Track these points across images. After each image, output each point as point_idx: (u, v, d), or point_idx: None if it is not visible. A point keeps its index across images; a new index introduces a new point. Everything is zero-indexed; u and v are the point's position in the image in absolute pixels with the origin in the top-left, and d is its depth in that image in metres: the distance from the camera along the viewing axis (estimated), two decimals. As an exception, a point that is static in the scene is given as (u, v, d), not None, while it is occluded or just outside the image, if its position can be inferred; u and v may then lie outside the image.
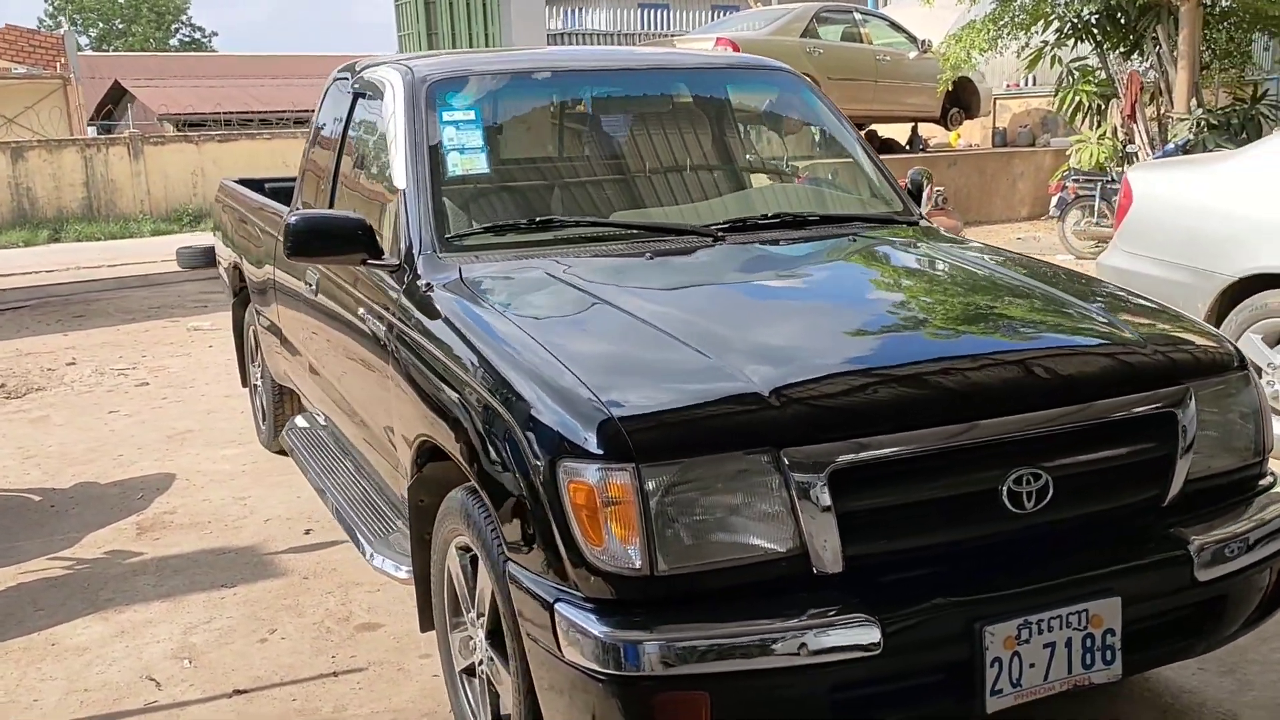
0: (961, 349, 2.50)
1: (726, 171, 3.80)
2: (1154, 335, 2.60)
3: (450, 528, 2.77)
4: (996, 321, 2.68)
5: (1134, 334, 2.59)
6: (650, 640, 2.08)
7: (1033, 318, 2.69)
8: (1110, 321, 2.66)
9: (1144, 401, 2.42)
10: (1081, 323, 2.67)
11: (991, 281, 2.94)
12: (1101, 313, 2.72)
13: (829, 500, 2.15)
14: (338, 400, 3.90)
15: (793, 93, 3.94)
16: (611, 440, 2.15)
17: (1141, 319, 2.72)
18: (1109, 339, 2.56)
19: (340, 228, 3.20)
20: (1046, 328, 2.65)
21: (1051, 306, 2.76)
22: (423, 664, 3.40)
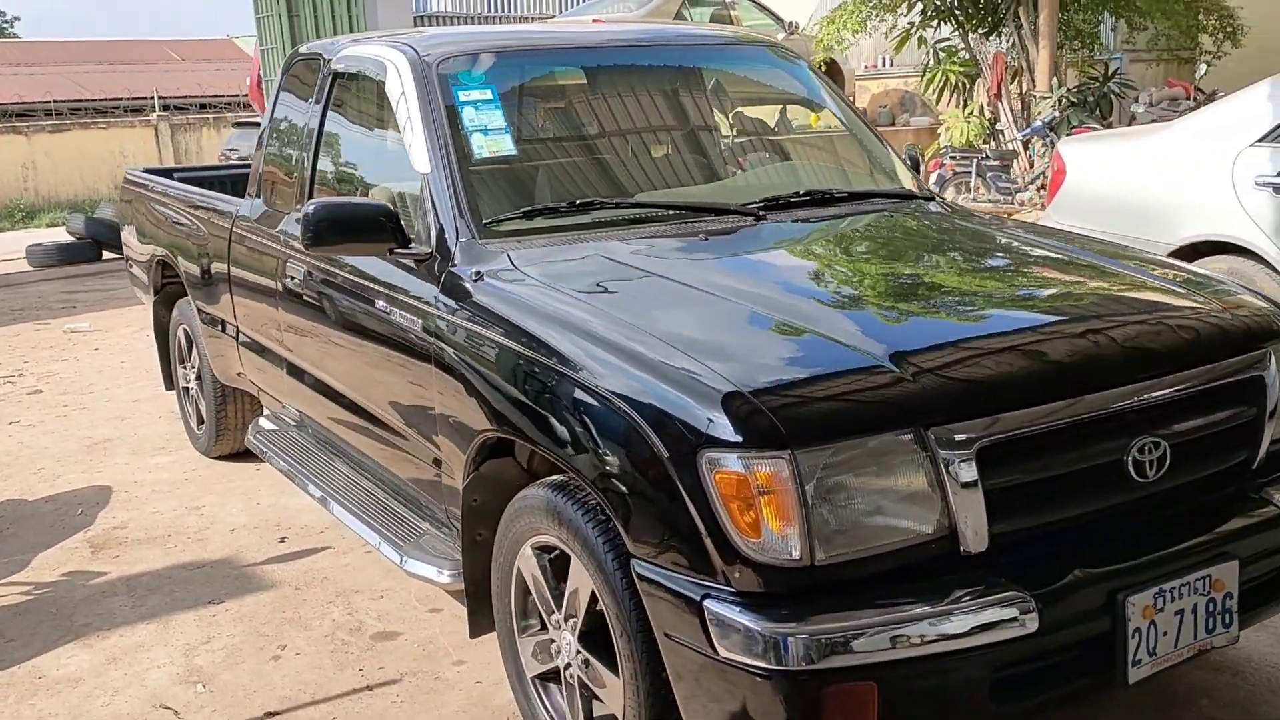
0: (1075, 320, 2.50)
1: (743, 148, 3.74)
2: (1228, 302, 2.66)
3: (525, 527, 2.65)
4: (1088, 293, 2.70)
5: (1211, 301, 2.65)
6: (819, 632, 2.01)
7: (1119, 288, 2.73)
8: (1187, 290, 2.71)
9: (1239, 365, 2.47)
10: (1165, 291, 2.71)
11: (1053, 253, 2.97)
12: (1174, 282, 2.77)
13: (977, 477, 2.12)
14: (332, 399, 3.68)
15: (793, 69, 3.90)
16: (762, 427, 2.07)
17: (1204, 287, 2.77)
18: (1198, 306, 2.61)
19: (365, 216, 3.02)
20: (1138, 298, 2.68)
21: (1128, 277, 2.80)
22: (460, 671, 3.25)
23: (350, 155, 3.80)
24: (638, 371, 2.28)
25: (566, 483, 2.53)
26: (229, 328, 4.52)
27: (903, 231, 3.19)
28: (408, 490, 3.37)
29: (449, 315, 2.86)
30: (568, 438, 2.41)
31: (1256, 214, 4.85)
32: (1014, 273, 2.91)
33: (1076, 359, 2.33)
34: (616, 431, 2.26)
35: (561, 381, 2.42)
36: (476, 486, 2.84)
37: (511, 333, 2.62)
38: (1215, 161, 5.04)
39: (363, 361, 3.36)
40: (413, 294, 3.03)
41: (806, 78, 3.89)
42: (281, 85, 4.21)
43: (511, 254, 2.89)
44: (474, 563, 2.93)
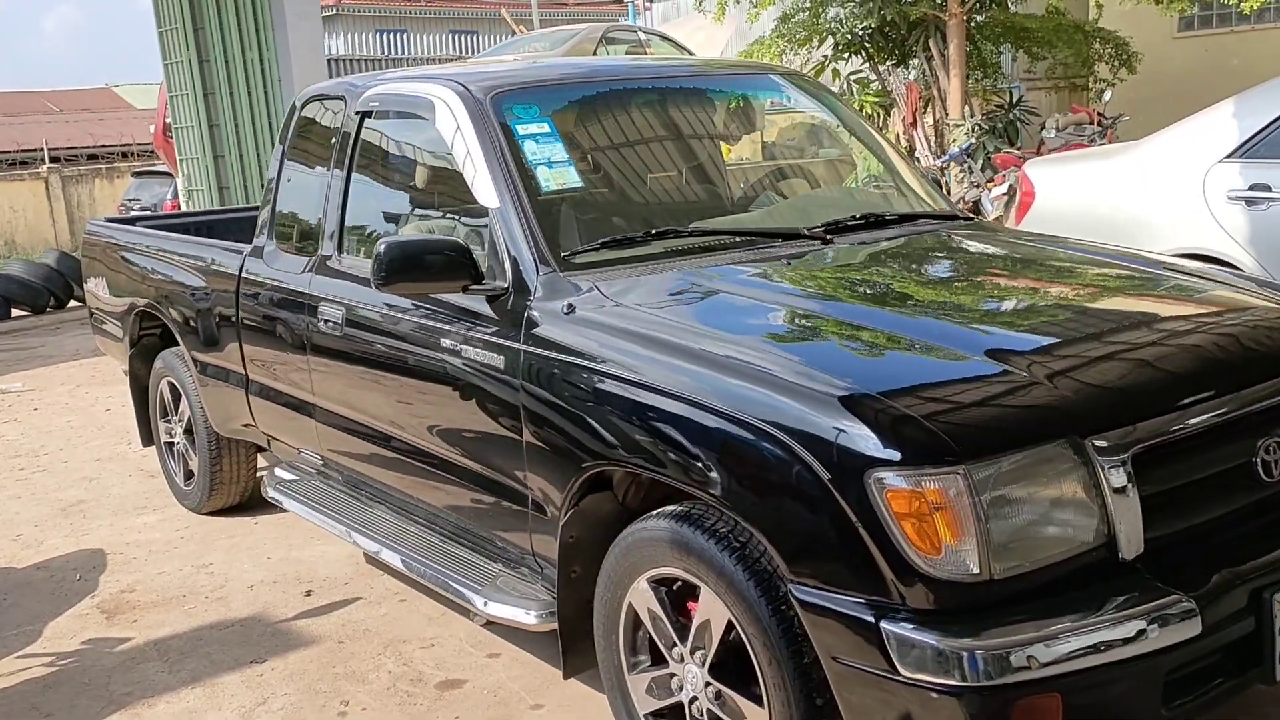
0: (1190, 327, 2.59)
1: (785, 173, 3.78)
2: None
3: (640, 559, 2.61)
4: (1187, 300, 2.79)
5: None
6: (1007, 645, 2.03)
7: (1211, 295, 2.82)
8: (1263, 292, 2.82)
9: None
10: (1250, 295, 2.82)
11: (1125, 265, 3.06)
12: (1246, 288, 2.88)
13: (1133, 483, 2.17)
14: (376, 443, 3.58)
15: (822, 98, 3.96)
16: (933, 444, 2.09)
17: (1271, 287, 2.89)
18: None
19: (441, 253, 2.96)
20: (1236, 302, 2.77)
21: (1203, 282, 2.91)
22: (541, 715, 3.18)
23: (388, 194, 3.73)
24: (781, 396, 2.27)
25: (690, 512, 2.50)
26: (235, 377, 4.37)
27: (973, 249, 3.27)
28: (475, 531, 3.29)
29: (540, 350, 2.82)
30: (704, 468, 2.38)
31: (1231, 227, 5.07)
32: (1104, 284, 2.99)
33: (1206, 364, 2.40)
34: (766, 458, 2.25)
35: (693, 411, 2.40)
36: (575, 523, 2.79)
37: (626, 365, 2.58)
38: (1186, 178, 5.26)
39: (422, 402, 3.28)
40: (490, 331, 2.98)
41: (834, 104, 3.96)
42: (294, 129, 4.11)
43: (600, 285, 2.86)
44: (568, 600, 2.87)
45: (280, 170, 4.15)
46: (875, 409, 2.16)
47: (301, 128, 4.09)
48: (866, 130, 3.93)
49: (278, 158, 4.17)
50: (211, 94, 12.34)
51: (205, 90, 12.25)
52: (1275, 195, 4.96)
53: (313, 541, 4.60)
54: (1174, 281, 2.94)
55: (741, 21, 15.10)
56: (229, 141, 12.23)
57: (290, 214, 4.07)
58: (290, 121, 4.14)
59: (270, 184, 4.19)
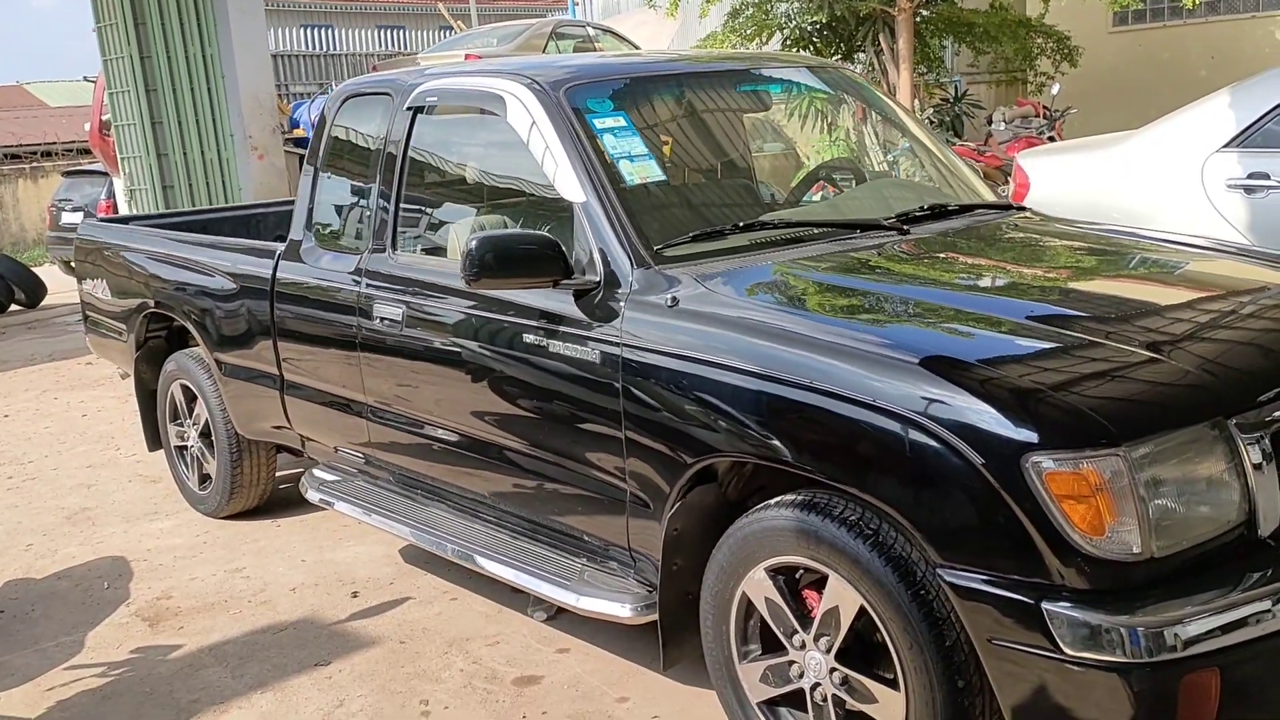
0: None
1: (849, 166, 3.83)
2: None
3: (758, 549, 2.64)
4: (1269, 280, 2.89)
5: None
6: (1172, 621, 2.09)
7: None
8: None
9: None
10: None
11: (1192, 248, 3.17)
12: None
13: (1270, 461, 2.24)
14: (439, 441, 3.55)
15: (865, 91, 4.02)
16: (1091, 427, 2.14)
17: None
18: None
19: (533, 248, 2.95)
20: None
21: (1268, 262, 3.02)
22: (630, 708, 3.18)
23: (448, 191, 3.69)
24: (925, 385, 2.30)
25: (815, 501, 2.53)
26: (266, 378, 4.29)
27: (1049, 236, 3.34)
28: (554, 528, 3.27)
29: (642, 345, 2.82)
30: (844, 458, 2.41)
31: (1230, 215, 5.24)
32: (1191, 268, 3.08)
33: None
34: (916, 447, 2.28)
35: (831, 401, 2.42)
36: (680, 516, 2.80)
37: (746, 356, 2.59)
38: (1184, 167, 5.42)
39: (497, 400, 3.26)
40: (580, 327, 2.97)
41: (872, 96, 4.03)
42: (331, 125, 4.04)
43: (700, 278, 2.87)
44: (669, 592, 2.88)
45: (316, 176, 4.08)
46: (1028, 394, 2.21)
47: (340, 125, 4.02)
48: (915, 124, 3.99)
49: (311, 166, 4.10)
50: (154, 90, 12.04)
51: (147, 87, 11.95)
52: (1273, 183, 5.13)
53: (343, 543, 4.54)
54: (1247, 263, 3.05)
55: (688, 17, 15.16)
56: (172, 139, 11.97)
57: (332, 212, 4.00)
58: (326, 119, 4.07)
59: (306, 182, 4.11)
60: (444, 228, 3.65)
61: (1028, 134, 12.57)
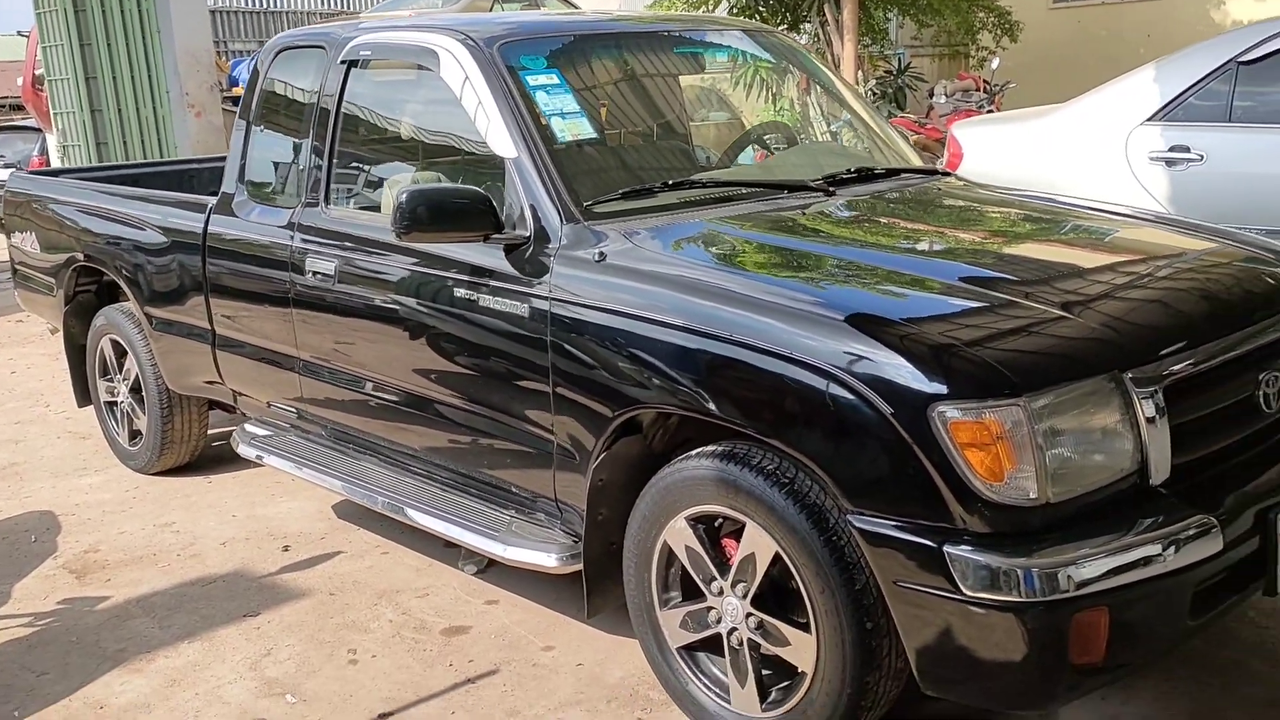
0: (1196, 270, 2.79)
1: (779, 128, 3.88)
2: (1273, 249, 3.01)
3: (680, 499, 2.71)
4: (1183, 247, 2.99)
5: (1266, 249, 3.00)
6: (1065, 562, 2.19)
7: (1200, 241, 3.03)
8: (1237, 241, 3.05)
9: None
10: (1231, 240, 3.04)
11: (1113, 213, 3.27)
12: (1223, 235, 3.11)
13: (1165, 414, 2.35)
14: (372, 395, 3.58)
15: (800, 57, 4.07)
16: (994, 378, 2.23)
17: (1246, 240, 3.12)
18: (1267, 254, 2.95)
19: (463, 202, 2.98)
20: (1222, 249, 2.98)
21: (1193, 230, 3.13)
22: (555, 655, 3.25)
23: (382, 145, 3.70)
24: (839, 338, 2.38)
25: (734, 451, 2.60)
26: (198, 332, 4.28)
27: (971, 200, 3.43)
28: (483, 480, 3.32)
29: (570, 299, 2.86)
30: (761, 409, 2.49)
31: (1152, 187, 5.38)
32: (1105, 231, 3.18)
33: (1218, 303, 2.62)
34: (829, 398, 2.35)
35: (749, 354, 2.49)
36: (605, 467, 2.87)
37: (671, 310, 2.65)
38: (1110, 140, 5.55)
39: (429, 353, 3.29)
40: (510, 281, 3.01)
41: (814, 65, 4.09)
42: (264, 78, 4.02)
43: (628, 233, 2.92)
44: (594, 542, 2.95)
45: (249, 129, 4.06)
46: (933, 346, 2.30)
47: (273, 78, 4.00)
48: (847, 91, 4.06)
49: (245, 110, 4.08)
50: (88, 45, 11.80)
51: (81, 41, 11.71)
52: (1194, 156, 5.28)
53: (276, 499, 4.55)
54: (1160, 229, 3.16)
55: (634, -17, 15.10)
56: (107, 95, 11.75)
57: (264, 166, 3.99)
58: (259, 72, 4.05)
59: (238, 136, 4.09)
60: (377, 182, 3.67)
61: (967, 107, 12.73)
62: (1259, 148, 5.24)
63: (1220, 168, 5.27)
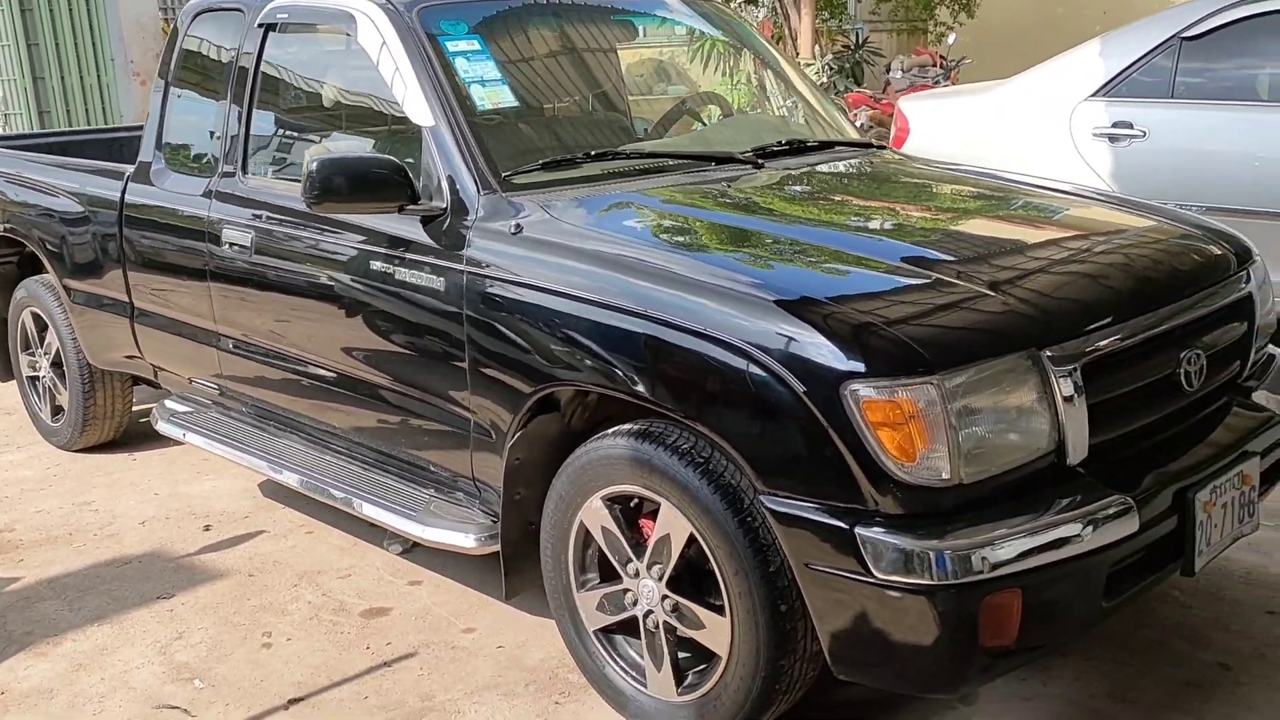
0: (1121, 247, 2.74)
1: (711, 100, 3.80)
2: (1208, 228, 2.97)
3: (595, 478, 2.64)
4: (1112, 223, 2.95)
5: (1198, 226, 2.96)
6: (976, 545, 2.14)
7: (1132, 218, 2.99)
8: (1174, 219, 3.01)
9: (1241, 281, 2.79)
10: (1165, 217, 3.00)
11: (1044, 190, 3.22)
12: (1159, 212, 3.06)
13: (1082, 392, 2.30)
14: (290, 371, 3.48)
15: (739, 28, 3.99)
16: (907, 356, 2.17)
17: (1183, 217, 3.08)
18: (1196, 231, 2.91)
19: (378, 171, 2.88)
20: (1153, 226, 2.94)
21: (1129, 208, 3.08)
22: (475, 638, 3.18)
23: (299, 113, 3.58)
24: (753, 314, 2.31)
25: (650, 430, 2.53)
26: (117, 305, 4.15)
27: (901, 174, 3.37)
28: (402, 458, 3.24)
29: (486, 272, 2.78)
30: (674, 386, 2.41)
31: (1095, 163, 5.35)
32: (1033, 207, 3.13)
33: (1140, 281, 2.56)
34: (741, 375, 2.29)
35: (663, 329, 2.42)
36: (521, 445, 2.79)
37: (584, 285, 2.58)
38: (1054, 115, 5.51)
39: (347, 327, 3.20)
40: (426, 253, 2.92)
41: (751, 36, 4.01)
42: (182, 40, 3.89)
43: (546, 205, 2.84)
44: (511, 523, 2.88)
45: (167, 91, 3.93)
46: (847, 323, 2.23)
47: (191, 42, 3.87)
48: (785, 63, 3.98)
49: (162, 80, 3.95)
50: (29, 10, 11.52)
51: (23, 6, 11.42)
52: (1136, 133, 5.26)
53: (201, 476, 4.44)
54: (1095, 205, 3.12)
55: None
56: (49, 62, 11.48)
57: (182, 133, 3.87)
58: (177, 35, 3.91)
59: (156, 101, 3.96)
60: (295, 150, 3.56)
61: (924, 82, 12.71)
62: (1201, 125, 5.22)
63: (1162, 144, 5.25)
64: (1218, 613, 3.06)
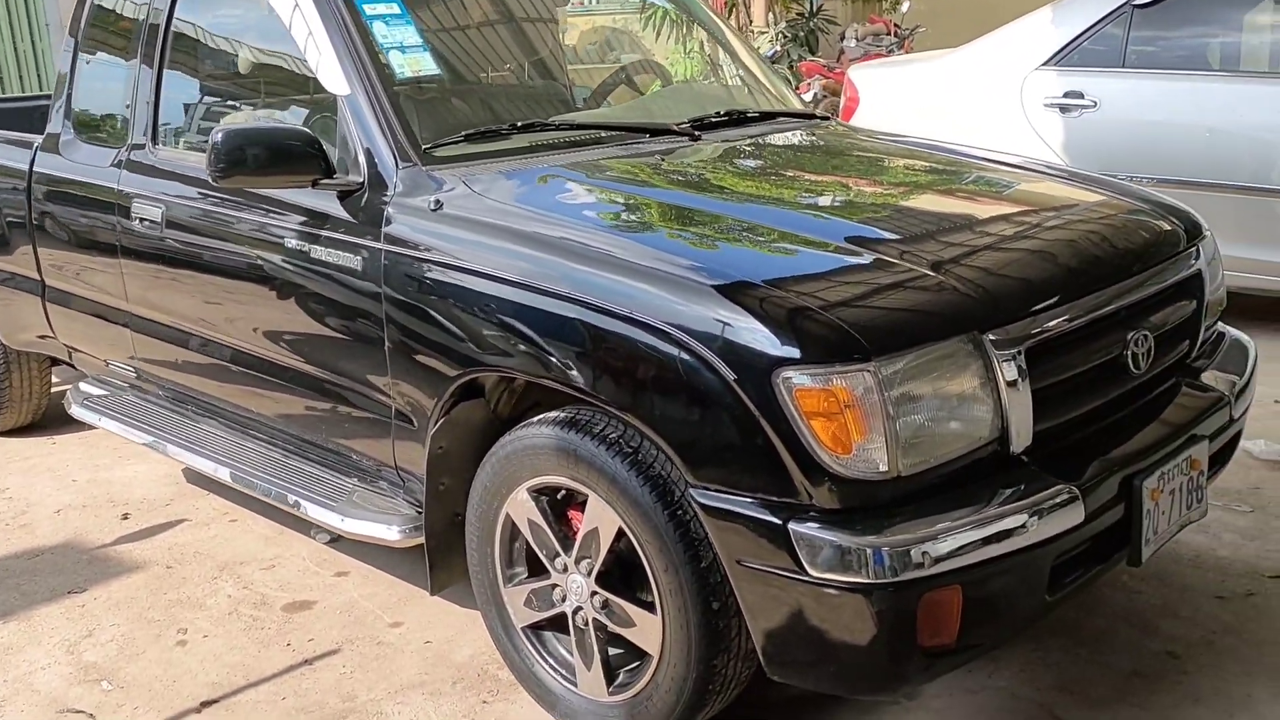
0: (1068, 224, 2.63)
1: (646, 68, 3.65)
2: (1156, 202, 2.87)
3: (521, 468, 2.50)
4: (1059, 199, 2.83)
5: (1146, 201, 2.85)
6: (914, 541, 2.03)
7: (1079, 194, 2.88)
8: (1124, 194, 2.90)
9: (1190, 259, 2.69)
10: (1115, 192, 2.89)
11: (989, 162, 3.10)
12: (1109, 187, 2.96)
13: (1026, 376, 2.19)
14: (206, 354, 3.31)
15: None
16: (842, 341, 2.05)
17: (1131, 192, 2.97)
18: (1144, 206, 2.80)
19: (288, 143, 2.70)
20: (1101, 201, 2.83)
21: (1073, 183, 2.97)
22: (401, 633, 3.05)
23: (211, 81, 3.39)
24: (680, 296, 2.18)
25: (576, 418, 2.40)
26: (27, 283, 3.95)
27: (842, 147, 3.23)
28: (324, 445, 3.09)
29: (405, 251, 2.62)
30: (599, 372, 2.28)
31: (1046, 134, 5.27)
32: (976, 182, 3.00)
33: (1086, 259, 2.45)
34: (668, 361, 2.16)
35: (587, 312, 2.28)
36: (444, 433, 2.65)
37: (507, 265, 2.43)
38: (1004, 84, 5.42)
39: (263, 308, 3.03)
40: (344, 230, 2.76)
41: (693, 2, 3.86)
42: (90, 8, 3.67)
43: (468, 180, 2.68)
44: (436, 514, 2.74)
45: (76, 53, 3.72)
46: (781, 307, 2.11)
47: (101, 6, 3.66)
48: (722, 28, 3.83)
49: (72, 40, 3.73)
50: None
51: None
52: (1088, 103, 5.17)
53: (123, 461, 4.26)
54: (1043, 180, 3.00)
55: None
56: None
57: (92, 100, 3.66)
58: (89, 3, 3.70)
59: (65, 68, 3.74)
60: (208, 119, 3.37)
61: (877, 51, 12.59)
62: (1152, 95, 5.15)
63: (1114, 115, 5.17)
64: (1166, 598, 2.99)
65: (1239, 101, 4.94)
